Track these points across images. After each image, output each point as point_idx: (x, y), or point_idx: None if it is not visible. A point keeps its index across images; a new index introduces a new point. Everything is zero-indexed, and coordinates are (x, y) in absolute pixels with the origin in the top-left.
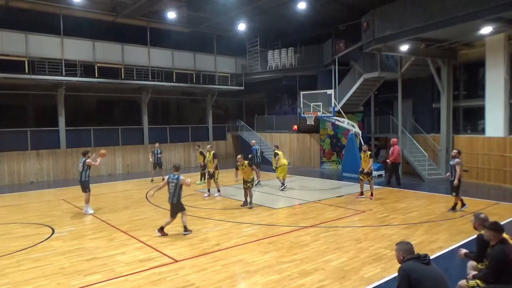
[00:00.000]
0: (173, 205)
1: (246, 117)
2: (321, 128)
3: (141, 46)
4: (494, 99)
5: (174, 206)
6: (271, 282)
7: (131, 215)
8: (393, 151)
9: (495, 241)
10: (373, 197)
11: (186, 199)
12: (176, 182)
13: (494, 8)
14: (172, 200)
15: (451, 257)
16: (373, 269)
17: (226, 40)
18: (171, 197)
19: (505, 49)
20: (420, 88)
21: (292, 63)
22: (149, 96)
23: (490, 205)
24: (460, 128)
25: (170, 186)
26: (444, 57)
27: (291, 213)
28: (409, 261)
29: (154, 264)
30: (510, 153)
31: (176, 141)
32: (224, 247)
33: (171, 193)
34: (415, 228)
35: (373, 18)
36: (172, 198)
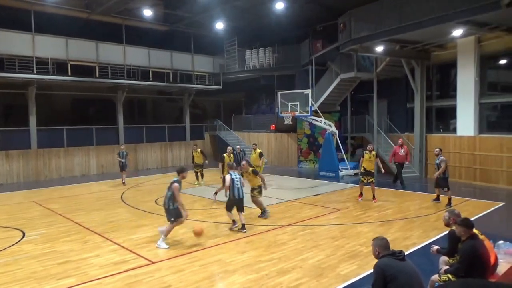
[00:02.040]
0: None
1: (224, 116)
2: (299, 127)
3: (117, 44)
4: (465, 100)
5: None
6: (249, 281)
7: (105, 217)
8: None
9: (465, 236)
10: (376, 200)
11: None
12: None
13: (465, 11)
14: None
15: (424, 253)
16: (349, 266)
17: (204, 39)
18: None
19: (475, 51)
20: (395, 89)
21: (270, 63)
22: (125, 95)
23: (461, 202)
24: (433, 127)
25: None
26: (418, 58)
27: (269, 212)
28: (384, 258)
29: (130, 266)
30: (479, 152)
31: (153, 141)
32: (201, 247)
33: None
34: (390, 225)
35: (349, 19)
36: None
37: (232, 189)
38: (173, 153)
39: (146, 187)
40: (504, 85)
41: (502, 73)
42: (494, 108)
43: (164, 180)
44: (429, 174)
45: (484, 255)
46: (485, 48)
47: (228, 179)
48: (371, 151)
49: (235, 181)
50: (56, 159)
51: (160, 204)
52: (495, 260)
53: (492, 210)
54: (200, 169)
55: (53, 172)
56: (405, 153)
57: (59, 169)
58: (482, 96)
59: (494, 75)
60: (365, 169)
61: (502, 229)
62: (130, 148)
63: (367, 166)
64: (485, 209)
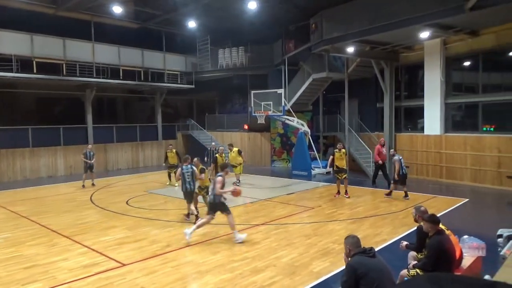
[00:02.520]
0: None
1: (196, 116)
2: (272, 127)
3: (85, 41)
4: (431, 100)
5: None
6: (223, 281)
7: (74, 219)
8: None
9: (432, 232)
10: (347, 195)
11: (137, 199)
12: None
13: (431, 14)
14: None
15: (394, 249)
16: (321, 264)
17: (176, 37)
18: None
19: (441, 53)
20: (365, 89)
21: (243, 62)
22: (94, 94)
23: (428, 198)
24: (401, 126)
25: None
26: (387, 59)
27: (243, 212)
28: (355, 256)
29: (100, 269)
30: (445, 150)
31: (124, 141)
32: (174, 248)
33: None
34: (361, 223)
35: (321, 20)
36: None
37: (183, 182)
38: (144, 153)
39: (117, 188)
40: (468, 86)
41: (466, 75)
42: (459, 108)
43: (136, 180)
44: None
45: (450, 250)
46: (450, 50)
47: (178, 172)
48: (340, 150)
49: (185, 175)
50: (20, 160)
51: (131, 204)
52: (460, 254)
53: (457, 206)
54: (174, 170)
55: (18, 173)
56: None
57: (24, 170)
58: (448, 96)
59: (459, 76)
60: (337, 166)
61: (467, 224)
62: (100, 148)
63: (339, 164)
64: (451, 205)
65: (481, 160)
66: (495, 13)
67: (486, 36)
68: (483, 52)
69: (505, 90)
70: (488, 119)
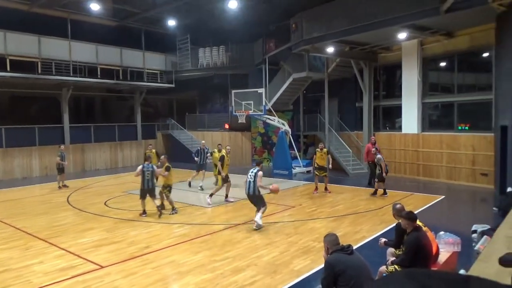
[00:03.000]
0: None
1: (177, 115)
2: (253, 126)
3: (61, 39)
4: (409, 99)
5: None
6: (204, 281)
7: (50, 221)
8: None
9: (410, 229)
10: (328, 191)
11: (115, 200)
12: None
13: (408, 16)
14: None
15: (373, 246)
16: (302, 262)
17: (155, 36)
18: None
19: (418, 53)
20: (345, 88)
21: (224, 62)
22: (70, 93)
23: (406, 196)
24: (380, 125)
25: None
26: (366, 60)
27: (223, 211)
28: (333, 253)
29: (77, 272)
30: (422, 149)
31: (102, 141)
32: (154, 249)
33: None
34: (341, 221)
35: (301, 20)
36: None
37: (143, 180)
38: (123, 153)
39: (95, 189)
40: (444, 86)
41: (442, 75)
42: (435, 108)
43: (115, 181)
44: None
45: (427, 246)
46: (427, 51)
47: (138, 169)
48: (322, 149)
49: (145, 173)
50: None
51: (110, 206)
52: (436, 250)
53: (433, 203)
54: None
55: None
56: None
57: None
58: (425, 96)
59: (435, 77)
60: (318, 165)
61: (443, 221)
62: (77, 148)
63: (319, 162)
64: (428, 202)
65: (456, 158)
66: (469, 16)
67: (461, 37)
68: (458, 53)
69: (479, 90)
70: (463, 118)
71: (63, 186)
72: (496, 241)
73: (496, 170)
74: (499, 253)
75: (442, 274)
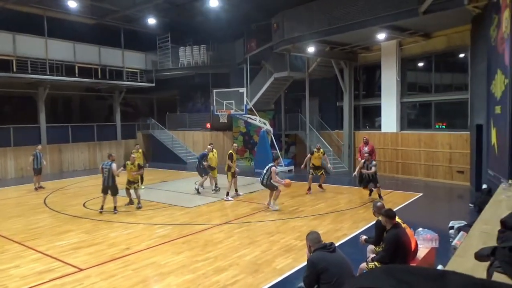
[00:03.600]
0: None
1: (157, 115)
2: (234, 125)
3: (37, 37)
4: (388, 99)
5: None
6: (186, 282)
7: (26, 224)
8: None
9: (389, 226)
10: (322, 189)
11: (94, 202)
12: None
13: (387, 17)
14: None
15: (354, 243)
16: (284, 260)
17: (135, 34)
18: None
19: (397, 54)
20: (326, 88)
21: (205, 61)
22: (47, 92)
23: (386, 193)
24: (360, 125)
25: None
26: (346, 59)
27: (205, 211)
28: (316, 252)
29: (55, 275)
30: (401, 147)
31: (80, 141)
32: (134, 250)
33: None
34: (322, 219)
35: (282, 19)
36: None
37: (102, 176)
38: (102, 153)
39: (73, 190)
40: (421, 86)
41: (420, 75)
42: (413, 107)
43: (94, 182)
44: None
45: (406, 242)
46: (405, 52)
47: (100, 167)
48: (319, 149)
49: (104, 170)
50: None
51: (89, 207)
52: (415, 246)
53: (412, 200)
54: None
55: None
56: (370, 151)
57: None
58: (403, 95)
59: (413, 77)
60: (314, 165)
61: (421, 217)
62: (54, 148)
63: (315, 163)
64: (407, 199)
65: (434, 156)
66: (446, 17)
67: (438, 38)
68: (436, 54)
69: (456, 90)
70: (440, 117)
71: (39, 187)
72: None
73: (472, 167)
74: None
75: (420, 270)
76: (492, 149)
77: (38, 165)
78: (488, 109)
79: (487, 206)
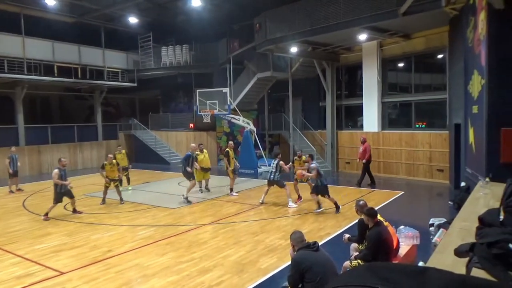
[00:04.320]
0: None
1: (139, 115)
2: (218, 125)
3: (14, 35)
4: (369, 98)
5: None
6: (170, 283)
7: (4, 227)
8: (366, 149)
9: (371, 224)
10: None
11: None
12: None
13: (367, 18)
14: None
15: (337, 241)
16: (269, 260)
17: (116, 33)
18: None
19: (378, 54)
20: (309, 88)
21: (187, 61)
22: (25, 92)
23: (368, 192)
24: (342, 124)
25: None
26: (328, 60)
27: (189, 212)
28: (300, 251)
29: (36, 279)
30: (383, 146)
31: (60, 142)
32: (117, 252)
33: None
34: (306, 218)
35: (265, 20)
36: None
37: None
38: (83, 154)
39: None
40: (402, 86)
41: (400, 75)
42: (394, 107)
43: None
44: (340, 168)
45: (388, 240)
46: (386, 52)
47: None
48: (300, 157)
49: (63, 176)
50: None
51: (69, 209)
52: (397, 243)
53: (394, 198)
54: (125, 173)
55: None
56: (362, 151)
57: None
58: (384, 95)
59: (393, 77)
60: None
61: (403, 215)
62: (33, 150)
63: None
64: (388, 198)
65: (414, 155)
66: (424, 19)
67: (417, 39)
68: (415, 54)
69: (434, 90)
70: (420, 117)
71: (18, 190)
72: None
73: (451, 166)
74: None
75: (401, 267)
76: (469, 147)
77: (15, 168)
78: (465, 108)
79: (465, 204)
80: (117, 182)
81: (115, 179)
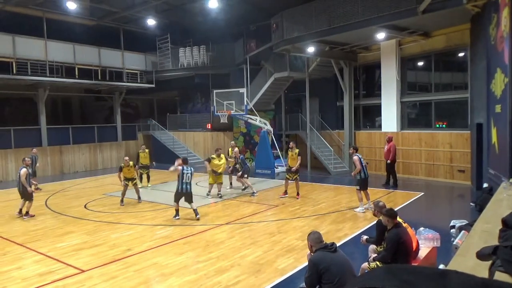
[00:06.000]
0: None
1: (157, 115)
2: (235, 126)
3: (37, 38)
4: (388, 98)
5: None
6: (187, 282)
7: (27, 225)
8: (390, 148)
9: (390, 225)
10: (299, 197)
11: (95, 203)
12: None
13: (386, 16)
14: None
15: (355, 243)
16: (286, 260)
17: (135, 35)
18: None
19: (396, 53)
20: (326, 88)
21: (205, 61)
22: (47, 94)
23: (387, 193)
24: (360, 124)
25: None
26: (346, 59)
27: (206, 212)
28: (318, 251)
29: (57, 276)
30: (402, 146)
31: (81, 142)
32: (136, 251)
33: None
34: (323, 219)
35: (281, 20)
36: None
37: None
38: (103, 154)
39: (74, 192)
40: (421, 85)
41: (419, 74)
42: (414, 106)
43: (95, 183)
44: None
45: (407, 242)
46: (405, 51)
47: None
48: (292, 149)
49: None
50: None
51: (90, 208)
52: (417, 245)
53: (413, 199)
54: (146, 171)
55: None
56: (387, 150)
57: None
58: (403, 95)
59: (413, 76)
60: (290, 166)
61: (422, 217)
62: (55, 150)
63: (290, 164)
64: (408, 199)
65: (434, 156)
66: (445, 16)
67: (437, 37)
68: (435, 53)
69: (455, 89)
70: (441, 117)
71: (36, 189)
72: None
73: (473, 166)
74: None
75: (421, 269)
76: (492, 148)
77: (33, 168)
78: (488, 108)
79: (488, 205)
80: (135, 180)
81: (133, 178)
